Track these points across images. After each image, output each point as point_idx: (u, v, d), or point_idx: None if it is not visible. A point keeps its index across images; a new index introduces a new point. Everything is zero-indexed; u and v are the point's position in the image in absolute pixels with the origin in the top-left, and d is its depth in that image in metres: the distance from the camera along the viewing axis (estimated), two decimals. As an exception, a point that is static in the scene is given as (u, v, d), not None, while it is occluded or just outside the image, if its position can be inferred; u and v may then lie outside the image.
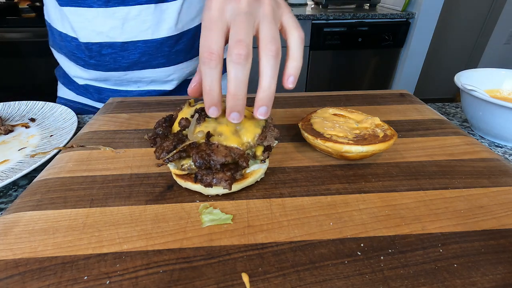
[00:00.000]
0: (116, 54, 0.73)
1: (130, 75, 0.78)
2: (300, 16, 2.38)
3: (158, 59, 0.76)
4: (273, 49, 0.35)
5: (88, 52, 0.73)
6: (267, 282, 0.29)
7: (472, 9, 3.11)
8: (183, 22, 0.75)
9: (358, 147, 0.44)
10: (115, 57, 0.74)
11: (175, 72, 0.81)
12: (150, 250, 0.33)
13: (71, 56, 0.77)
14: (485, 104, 0.57)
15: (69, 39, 0.73)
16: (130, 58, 0.74)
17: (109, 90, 0.83)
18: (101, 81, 0.81)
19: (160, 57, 0.76)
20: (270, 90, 0.36)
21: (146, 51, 0.74)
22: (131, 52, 0.74)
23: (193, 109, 0.43)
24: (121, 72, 0.77)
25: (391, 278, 0.30)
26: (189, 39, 0.78)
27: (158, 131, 0.44)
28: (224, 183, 0.38)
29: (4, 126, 0.63)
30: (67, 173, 0.46)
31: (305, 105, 0.69)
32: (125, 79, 0.79)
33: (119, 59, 0.74)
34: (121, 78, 0.79)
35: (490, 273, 0.30)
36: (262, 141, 0.42)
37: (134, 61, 0.75)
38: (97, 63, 0.75)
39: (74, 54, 0.75)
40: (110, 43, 0.72)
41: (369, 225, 0.36)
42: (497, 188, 0.42)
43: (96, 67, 0.76)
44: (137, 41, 0.72)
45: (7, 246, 0.33)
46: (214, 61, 0.34)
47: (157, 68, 0.78)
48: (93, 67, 0.76)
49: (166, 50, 0.76)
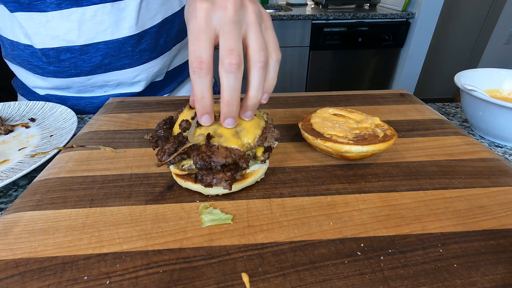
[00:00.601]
0: (76, 58, 0.70)
1: (94, 80, 0.74)
2: (300, 16, 2.38)
3: (122, 60, 0.73)
4: (262, 60, 0.37)
5: (46, 59, 0.69)
6: (267, 282, 0.29)
7: (472, 9, 3.12)
8: (144, 20, 0.72)
9: (358, 147, 0.44)
10: (75, 61, 0.70)
11: (141, 73, 0.77)
12: (150, 250, 0.33)
13: (27, 65, 0.72)
14: (485, 104, 0.57)
15: (22, 47, 0.70)
16: (92, 62, 0.71)
17: (73, 98, 0.78)
18: (63, 89, 0.77)
19: (124, 57, 0.73)
20: (256, 99, 0.39)
21: (108, 52, 0.71)
22: (92, 55, 0.70)
23: (193, 111, 0.43)
24: (84, 77, 0.73)
25: (391, 278, 0.30)
26: (152, 38, 0.75)
27: (159, 133, 0.44)
28: (224, 183, 0.38)
29: (4, 126, 0.63)
30: (67, 173, 0.46)
31: (305, 105, 0.69)
32: (89, 84, 0.75)
33: (80, 64, 0.71)
34: (84, 84, 0.75)
35: (490, 273, 0.30)
36: (263, 142, 0.42)
37: (96, 64, 0.72)
38: (56, 70, 0.71)
39: (30, 62, 0.71)
40: (68, 47, 0.68)
41: (369, 225, 0.36)
42: (497, 188, 0.42)
43: (55, 74, 0.72)
44: (98, 42, 0.69)
45: (7, 246, 0.33)
46: (204, 70, 0.35)
47: (122, 70, 0.75)
48: (53, 75, 0.72)
49: (129, 50, 0.73)
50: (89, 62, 0.71)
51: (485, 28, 3.20)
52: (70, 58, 0.70)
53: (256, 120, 0.44)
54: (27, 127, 0.64)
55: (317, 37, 2.50)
